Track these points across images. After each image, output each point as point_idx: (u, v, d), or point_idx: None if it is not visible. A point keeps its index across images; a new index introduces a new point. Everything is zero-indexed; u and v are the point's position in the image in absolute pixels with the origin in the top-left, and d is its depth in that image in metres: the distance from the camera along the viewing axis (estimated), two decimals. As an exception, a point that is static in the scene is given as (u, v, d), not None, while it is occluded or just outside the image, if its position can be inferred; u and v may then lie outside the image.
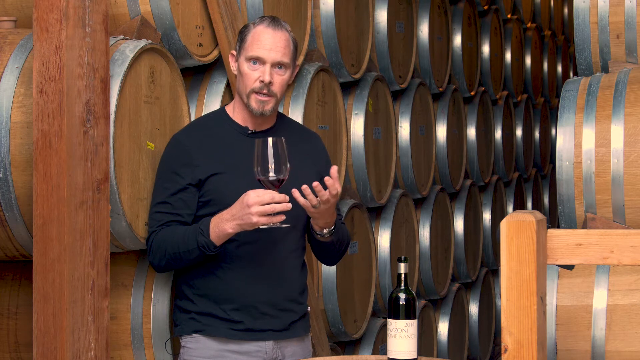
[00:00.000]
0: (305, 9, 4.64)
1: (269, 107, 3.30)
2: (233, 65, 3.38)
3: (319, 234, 3.32)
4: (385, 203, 5.56)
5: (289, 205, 3.07)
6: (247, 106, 3.31)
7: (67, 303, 2.90)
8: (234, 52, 3.37)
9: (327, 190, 3.13)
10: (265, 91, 3.27)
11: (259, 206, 3.05)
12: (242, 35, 3.34)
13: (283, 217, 3.08)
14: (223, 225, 3.15)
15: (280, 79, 3.30)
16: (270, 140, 3.06)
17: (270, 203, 3.05)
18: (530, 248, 2.24)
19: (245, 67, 3.29)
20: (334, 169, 3.15)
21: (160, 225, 3.28)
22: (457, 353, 6.92)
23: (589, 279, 3.42)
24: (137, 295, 3.45)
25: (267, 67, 3.27)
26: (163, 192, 3.30)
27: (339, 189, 3.17)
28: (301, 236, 3.41)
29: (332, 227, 3.30)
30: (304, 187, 3.12)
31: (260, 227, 3.10)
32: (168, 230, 3.26)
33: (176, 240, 3.23)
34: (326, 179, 3.13)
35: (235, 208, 3.12)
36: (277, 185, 3.07)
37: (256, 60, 3.27)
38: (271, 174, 3.05)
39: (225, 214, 3.15)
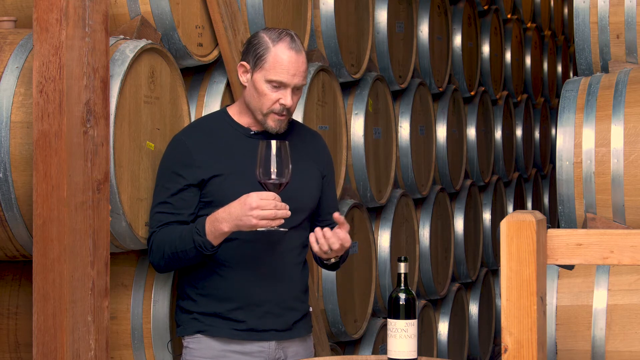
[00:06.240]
0: (305, 9, 4.64)
1: (285, 124, 3.33)
2: (243, 77, 3.33)
3: (325, 261, 3.35)
4: (385, 203, 5.56)
5: (288, 213, 3.10)
6: (261, 123, 3.31)
7: (67, 303, 2.90)
8: (245, 64, 3.32)
9: (332, 241, 3.17)
10: (285, 113, 3.29)
11: (260, 210, 3.06)
12: (257, 50, 3.29)
13: (282, 222, 3.09)
14: (219, 224, 3.15)
15: (297, 98, 3.31)
16: (274, 143, 3.07)
17: (272, 208, 3.07)
18: (530, 248, 2.24)
19: (265, 87, 3.27)
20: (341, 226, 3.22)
21: (160, 225, 3.27)
22: (457, 353, 6.92)
23: (589, 279, 3.41)
24: (137, 295, 3.45)
25: (289, 91, 3.27)
26: (164, 192, 3.30)
27: (346, 241, 3.20)
28: (303, 234, 3.41)
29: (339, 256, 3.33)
30: (316, 230, 3.18)
31: (258, 230, 3.11)
32: (167, 230, 3.26)
33: (174, 239, 3.23)
34: (335, 227, 3.22)
35: (234, 207, 3.12)
36: (279, 188, 3.08)
37: (278, 84, 3.27)
38: (273, 177, 3.06)
39: (221, 213, 3.15)
